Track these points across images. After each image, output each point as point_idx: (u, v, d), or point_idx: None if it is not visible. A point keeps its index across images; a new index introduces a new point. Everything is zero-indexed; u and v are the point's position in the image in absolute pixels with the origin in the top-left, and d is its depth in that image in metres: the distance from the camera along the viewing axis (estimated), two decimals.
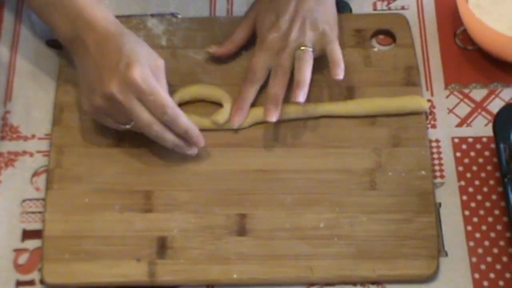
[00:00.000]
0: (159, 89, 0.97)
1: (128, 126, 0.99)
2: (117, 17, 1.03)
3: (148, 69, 0.97)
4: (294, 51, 1.03)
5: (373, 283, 0.96)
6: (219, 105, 1.05)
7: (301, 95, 1.01)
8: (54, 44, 1.11)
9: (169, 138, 0.99)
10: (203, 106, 1.06)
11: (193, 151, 1.01)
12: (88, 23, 0.99)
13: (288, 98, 1.03)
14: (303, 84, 1.01)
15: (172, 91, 1.03)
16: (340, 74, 1.02)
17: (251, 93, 1.05)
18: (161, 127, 0.98)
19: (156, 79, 0.98)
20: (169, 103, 0.97)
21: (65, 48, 1.05)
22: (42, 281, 0.97)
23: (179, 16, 1.13)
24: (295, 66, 1.03)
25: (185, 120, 0.99)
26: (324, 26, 1.05)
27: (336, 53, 1.03)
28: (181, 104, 1.04)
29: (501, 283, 0.95)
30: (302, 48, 1.03)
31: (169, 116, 0.97)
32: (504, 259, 0.97)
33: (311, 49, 1.04)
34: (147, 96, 0.96)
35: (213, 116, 1.04)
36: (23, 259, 0.98)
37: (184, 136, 1.00)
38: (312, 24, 1.04)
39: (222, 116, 1.04)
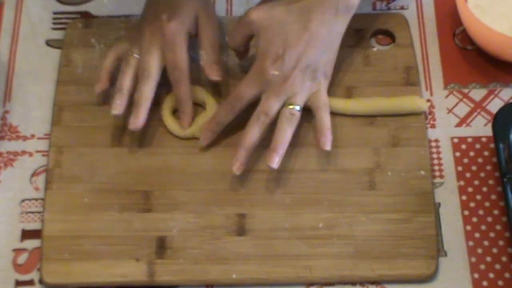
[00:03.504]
0: (182, 51, 1.00)
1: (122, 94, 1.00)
2: (117, 17, 1.03)
3: (185, 26, 1.01)
4: (284, 102, 0.99)
5: (372, 283, 0.96)
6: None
7: (275, 161, 0.97)
8: (54, 44, 1.11)
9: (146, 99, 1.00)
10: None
11: (136, 126, 1.01)
12: None
13: None
14: (280, 148, 0.98)
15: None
16: (326, 145, 0.99)
17: (228, 119, 1.01)
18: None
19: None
20: (183, 66, 1.01)
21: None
22: (41, 281, 0.97)
23: None
24: (278, 124, 0.99)
25: (186, 90, 1.02)
26: (321, 78, 1.01)
27: (325, 121, 1.00)
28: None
29: (500, 283, 0.95)
30: (291, 106, 0.99)
31: (175, 77, 1.01)
32: (504, 259, 0.96)
33: (299, 109, 0.99)
34: (168, 51, 1.00)
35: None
36: (22, 259, 0.98)
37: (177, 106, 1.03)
38: (313, 73, 1.00)
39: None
